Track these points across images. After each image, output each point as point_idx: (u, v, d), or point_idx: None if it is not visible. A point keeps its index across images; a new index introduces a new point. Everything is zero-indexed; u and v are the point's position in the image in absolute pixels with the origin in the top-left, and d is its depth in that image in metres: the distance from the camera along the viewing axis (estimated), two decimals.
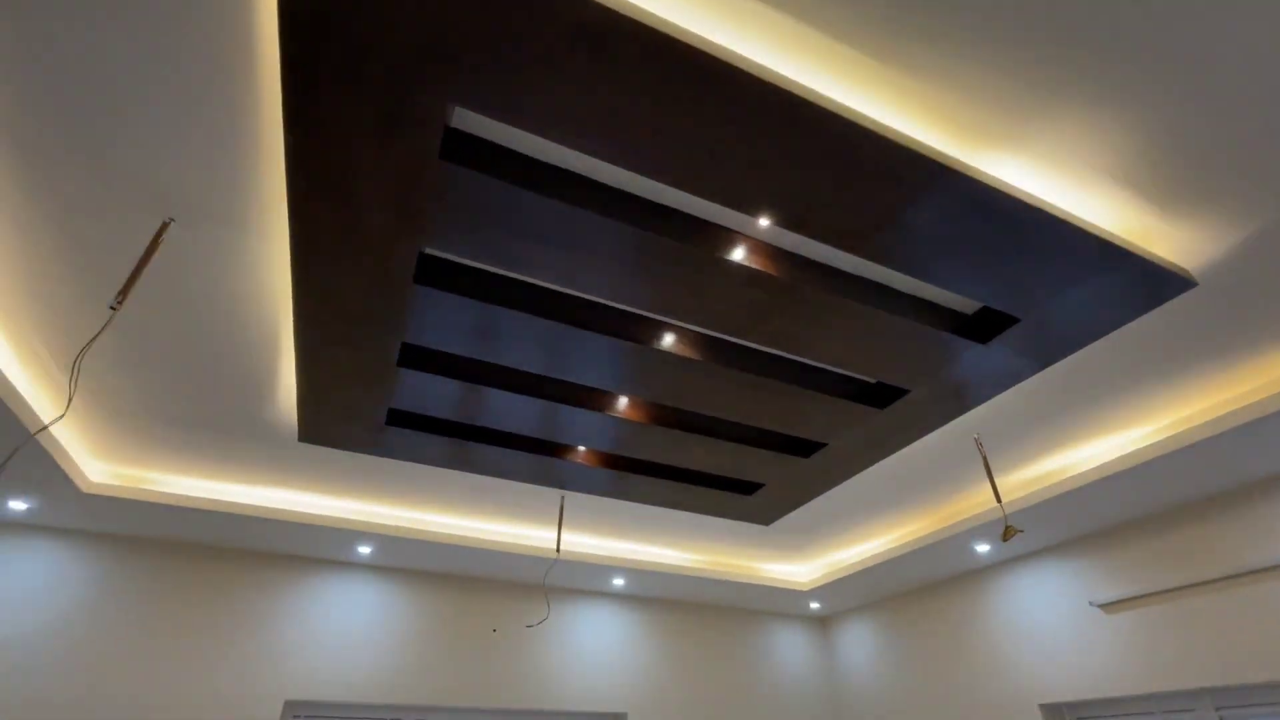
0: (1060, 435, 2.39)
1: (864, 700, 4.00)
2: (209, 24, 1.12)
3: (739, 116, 1.17)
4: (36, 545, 2.88)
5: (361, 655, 3.21)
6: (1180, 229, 1.53)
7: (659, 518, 3.18)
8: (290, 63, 1.05)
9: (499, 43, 1.04)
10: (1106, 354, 1.94)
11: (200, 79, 1.20)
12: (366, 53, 1.05)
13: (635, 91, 1.12)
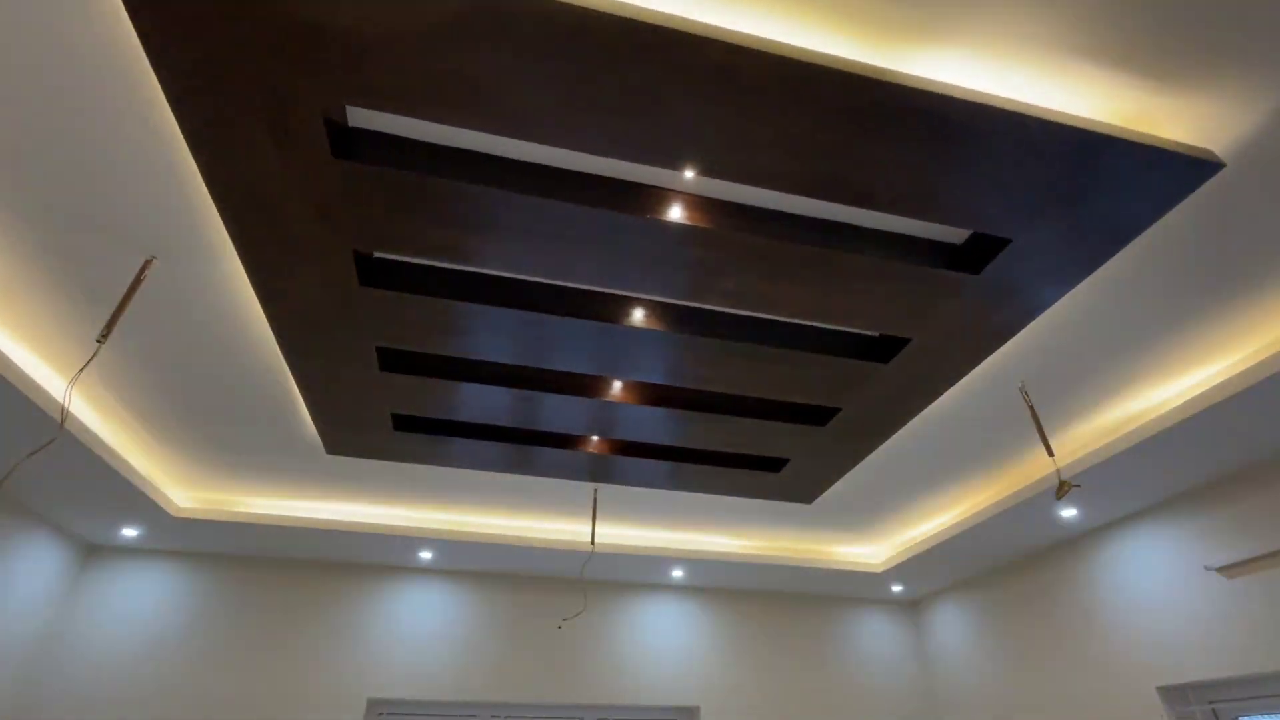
0: (1133, 373, 2.07)
1: (961, 688, 3.66)
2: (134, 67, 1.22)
3: (636, 67, 1.10)
4: (149, 566, 3.27)
5: (435, 654, 3.36)
6: (1190, 106, 1.28)
7: (709, 508, 3.10)
8: (164, 81, 1.12)
9: (364, 33, 1.05)
10: (1161, 272, 1.66)
11: (161, 121, 1.31)
12: (231, 63, 1.09)
13: (532, 63, 1.09)
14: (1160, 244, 1.60)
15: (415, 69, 1.10)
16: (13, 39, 1.18)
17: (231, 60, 1.08)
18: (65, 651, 3.00)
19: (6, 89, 1.26)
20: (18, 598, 2.83)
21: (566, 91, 1.14)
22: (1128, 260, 1.64)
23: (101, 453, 2.36)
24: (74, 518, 2.91)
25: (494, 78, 1.11)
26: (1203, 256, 1.63)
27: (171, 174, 1.42)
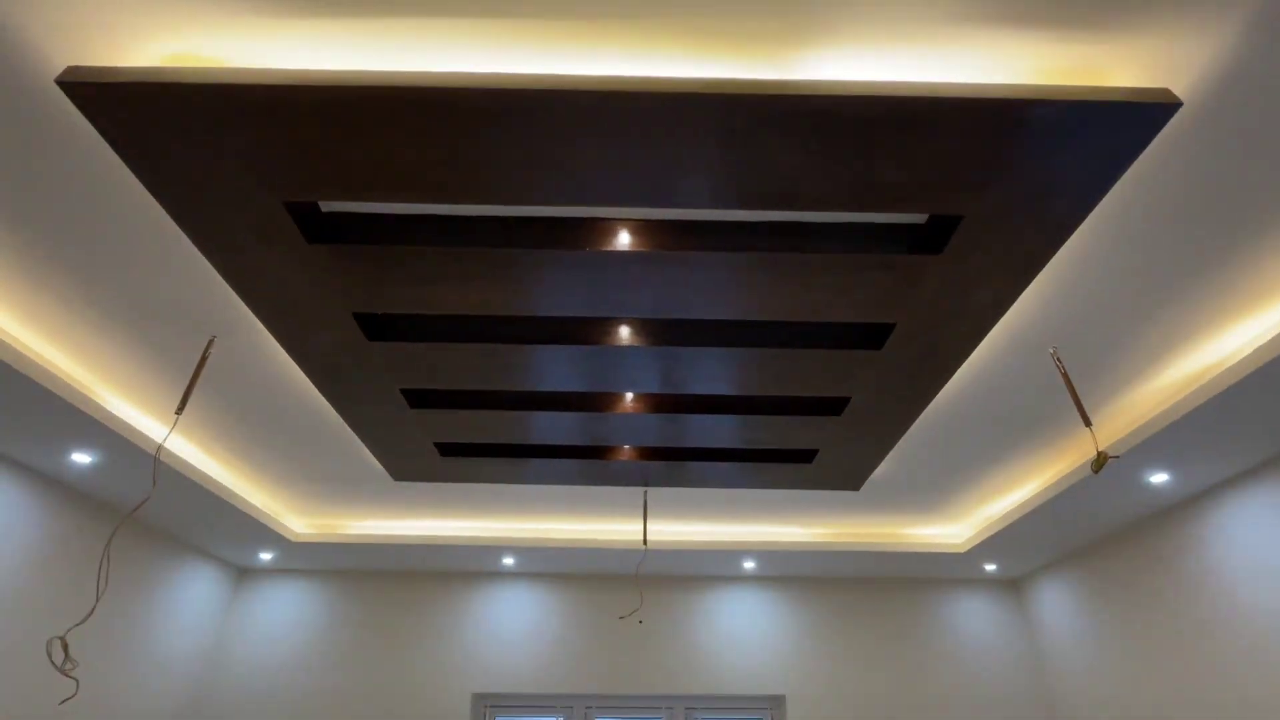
0: (1189, 327, 1.86)
1: (1073, 667, 3.39)
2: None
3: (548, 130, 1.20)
4: (286, 584, 3.83)
5: (527, 651, 3.65)
6: (1138, 48, 1.16)
7: (768, 501, 3.12)
8: (147, 186, 1.35)
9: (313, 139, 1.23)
10: (1181, 218, 1.51)
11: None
12: (191, 171, 1.30)
13: (427, 142, 1.22)
14: (1167, 190, 1.44)
15: (356, 161, 1.26)
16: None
17: (191, 169, 1.29)
18: (227, 659, 3.59)
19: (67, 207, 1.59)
20: (190, 614, 3.43)
21: (497, 162, 1.26)
22: (1145, 212, 1.50)
23: (223, 495, 2.82)
24: (222, 547, 3.48)
25: (433, 161, 1.25)
26: (1221, 193, 1.46)
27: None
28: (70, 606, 2.64)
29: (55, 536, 2.62)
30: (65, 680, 2.59)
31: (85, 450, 2.37)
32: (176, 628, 3.33)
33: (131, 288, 1.77)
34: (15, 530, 2.46)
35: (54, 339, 1.98)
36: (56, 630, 2.49)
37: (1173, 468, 2.43)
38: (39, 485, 2.56)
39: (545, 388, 2.02)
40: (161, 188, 1.33)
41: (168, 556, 3.29)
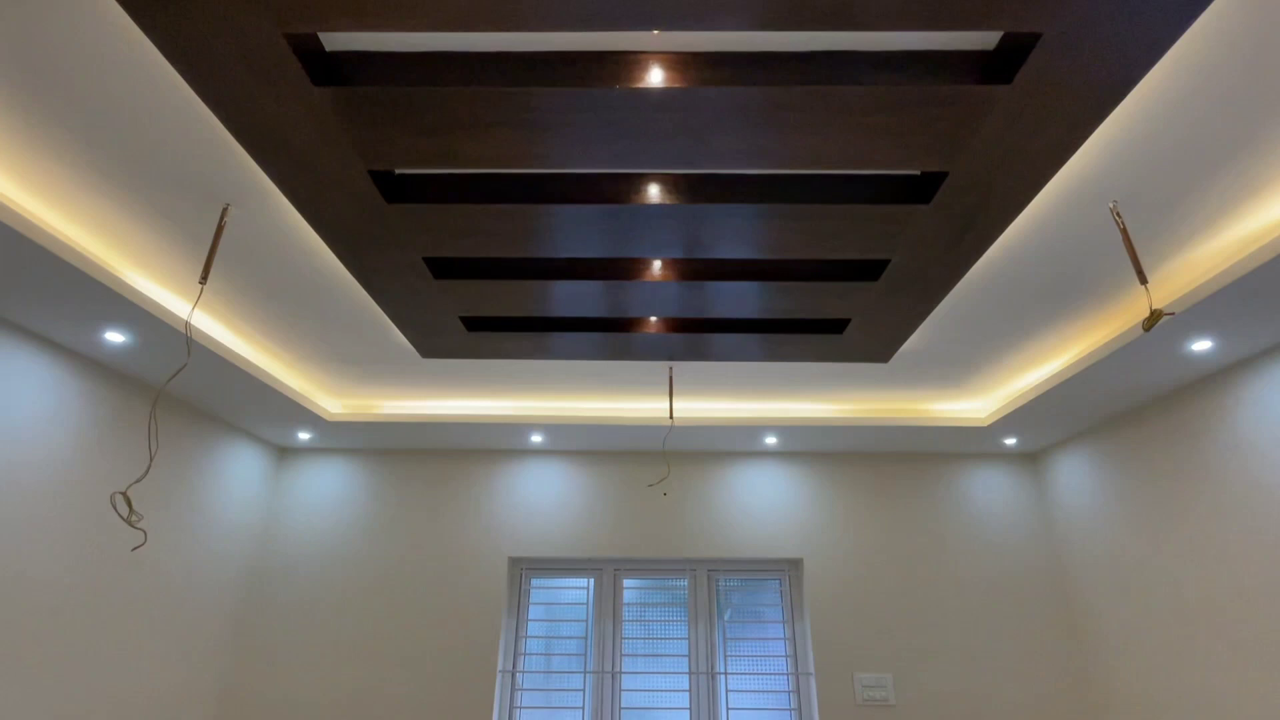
0: (1251, 185, 1.71)
1: (1088, 541, 3.51)
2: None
3: None
4: (326, 462, 4.01)
5: (559, 519, 3.86)
6: None
7: (792, 377, 3.12)
8: (160, 44, 1.25)
9: None
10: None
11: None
12: (184, 6, 1.20)
13: None
14: (1245, 35, 1.26)
15: None
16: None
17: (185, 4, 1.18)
18: (279, 532, 3.84)
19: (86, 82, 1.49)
20: (240, 491, 3.64)
21: None
22: (1219, 57, 1.31)
23: (259, 375, 2.88)
24: (262, 427, 3.61)
25: None
26: None
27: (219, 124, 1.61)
28: (126, 477, 2.79)
29: (103, 417, 2.71)
30: (134, 532, 2.80)
31: (118, 329, 2.39)
32: (228, 503, 3.54)
33: (143, 155, 1.68)
34: (66, 412, 2.55)
35: (70, 212, 1.93)
36: (116, 512, 2.65)
37: (1218, 334, 2.35)
38: (81, 367, 2.62)
39: (569, 253, 1.95)
40: (148, 15, 1.21)
41: (213, 437, 3.43)
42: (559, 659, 3.71)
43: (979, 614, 3.62)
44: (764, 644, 3.72)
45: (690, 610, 3.79)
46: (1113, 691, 3.30)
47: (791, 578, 3.85)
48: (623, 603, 3.81)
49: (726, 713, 3.56)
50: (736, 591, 3.85)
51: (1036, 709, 3.43)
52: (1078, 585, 3.57)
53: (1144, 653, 3.08)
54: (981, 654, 3.54)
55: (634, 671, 3.67)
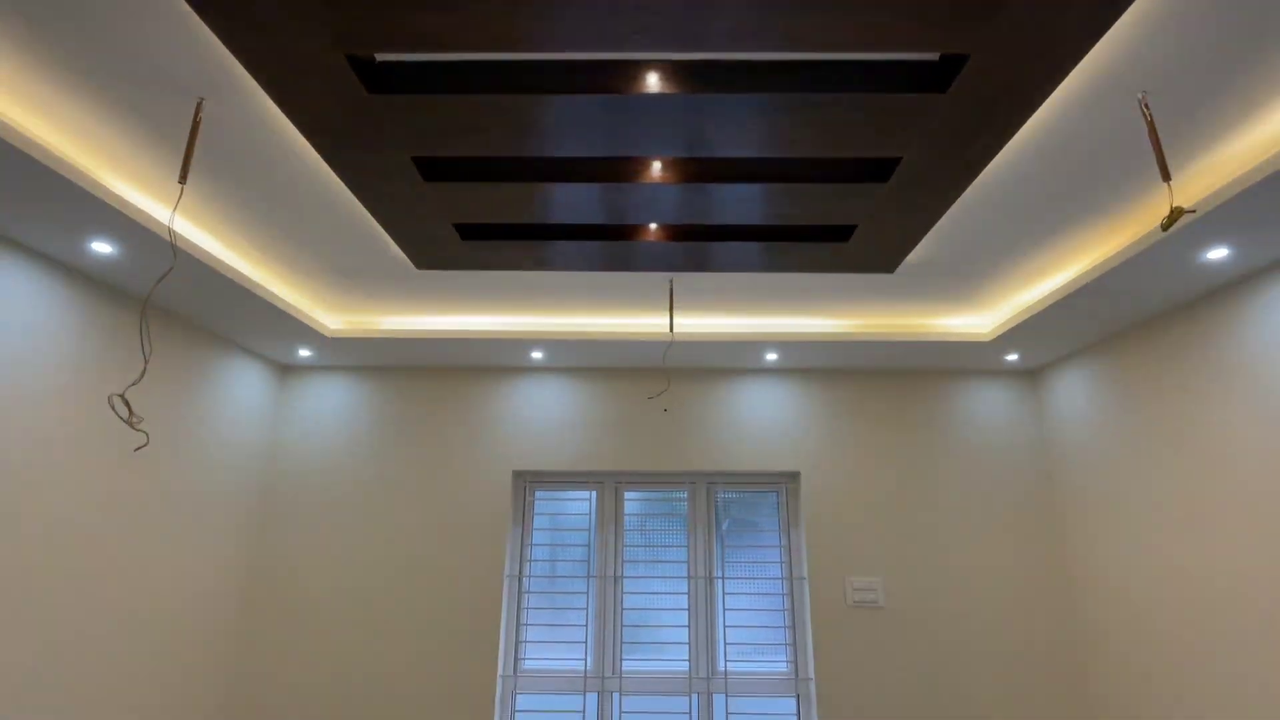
0: None
1: (1081, 458, 3.57)
2: None
3: None
4: (329, 380, 4.04)
5: (561, 435, 3.92)
6: None
7: (794, 291, 3.07)
8: None
9: None
10: None
11: None
12: None
13: None
14: None
15: None
16: None
17: None
18: (286, 450, 3.92)
19: None
20: (245, 409, 3.68)
21: None
22: None
23: (253, 288, 2.83)
24: (262, 343, 3.60)
25: None
26: None
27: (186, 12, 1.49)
28: (124, 386, 2.80)
29: (98, 330, 2.69)
30: (138, 436, 2.85)
31: (103, 238, 2.32)
32: (235, 419, 3.59)
33: (107, 45, 1.57)
34: (60, 325, 2.53)
35: (33, 108, 1.83)
36: (115, 414, 2.67)
37: (1235, 241, 2.27)
38: (72, 280, 2.57)
39: (563, 151, 1.86)
40: None
41: (214, 354, 3.43)
42: (563, 565, 3.87)
43: (968, 524, 3.74)
44: (760, 551, 3.87)
45: (690, 521, 3.91)
46: (1097, 598, 3.45)
47: (789, 490, 3.95)
48: (624, 514, 3.93)
49: (723, 614, 3.75)
50: (735, 504, 3.96)
51: (1019, 611, 3.60)
52: (1068, 499, 3.66)
53: (1130, 562, 3.19)
54: (968, 561, 3.68)
55: (635, 576, 3.83)
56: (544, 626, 3.77)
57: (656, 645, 3.72)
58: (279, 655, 3.58)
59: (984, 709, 3.45)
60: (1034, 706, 3.45)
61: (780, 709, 3.61)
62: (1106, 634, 3.34)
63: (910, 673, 3.51)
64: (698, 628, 3.72)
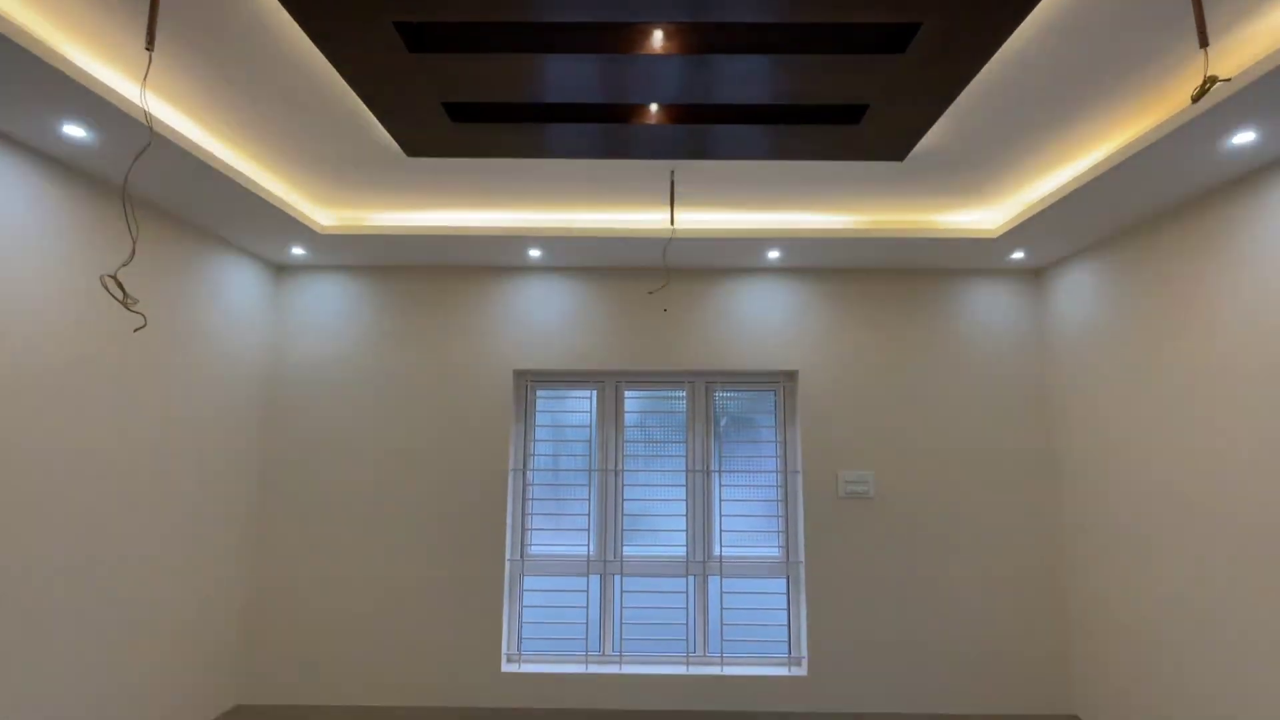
0: None
1: (1078, 357, 3.59)
2: None
3: None
4: (326, 280, 3.99)
5: (562, 334, 3.93)
6: None
7: (799, 185, 2.97)
8: None
9: None
10: None
11: None
12: None
13: None
14: None
15: None
16: None
17: None
18: (288, 347, 3.93)
19: None
20: (241, 310, 3.65)
21: None
22: None
23: (238, 179, 2.73)
24: (253, 240, 3.53)
25: None
26: None
27: None
28: (114, 268, 2.77)
29: (83, 220, 2.62)
30: (133, 317, 2.86)
31: (76, 121, 2.21)
32: (232, 318, 3.57)
33: None
34: (44, 214, 2.45)
35: None
36: (110, 296, 2.65)
37: (1265, 123, 2.17)
38: (52, 169, 2.47)
39: (557, 13, 1.73)
40: None
41: (206, 252, 3.36)
42: (566, 460, 4.00)
43: (960, 421, 3.83)
44: (757, 447, 3.99)
45: (688, 418, 4.00)
46: (1079, 494, 3.59)
47: (786, 389, 4.01)
48: (624, 411, 4.02)
49: (720, 504, 3.92)
50: (733, 402, 4.04)
51: (1002, 505, 3.76)
52: (1061, 399, 3.72)
53: (1114, 458, 3.30)
54: (957, 456, 3.80)
55: (635, 470, 3.97)
56: (548, 516, 3.95)
57: (655, 534, 3.92)
58: (297, 541, 3.77)
59: (960, 592, 3.68)
60: (1010, 593, 3.68)
61: (771, 588, 3.85)
62: (1084, 528, 3.51)
63: (894, 558, 3.72)
64: (695, 517, 3.91)
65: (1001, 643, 3.65)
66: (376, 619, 3.71)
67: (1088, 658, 3.49)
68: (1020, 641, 3.65)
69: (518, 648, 3.81)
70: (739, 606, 3.82)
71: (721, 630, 3.79)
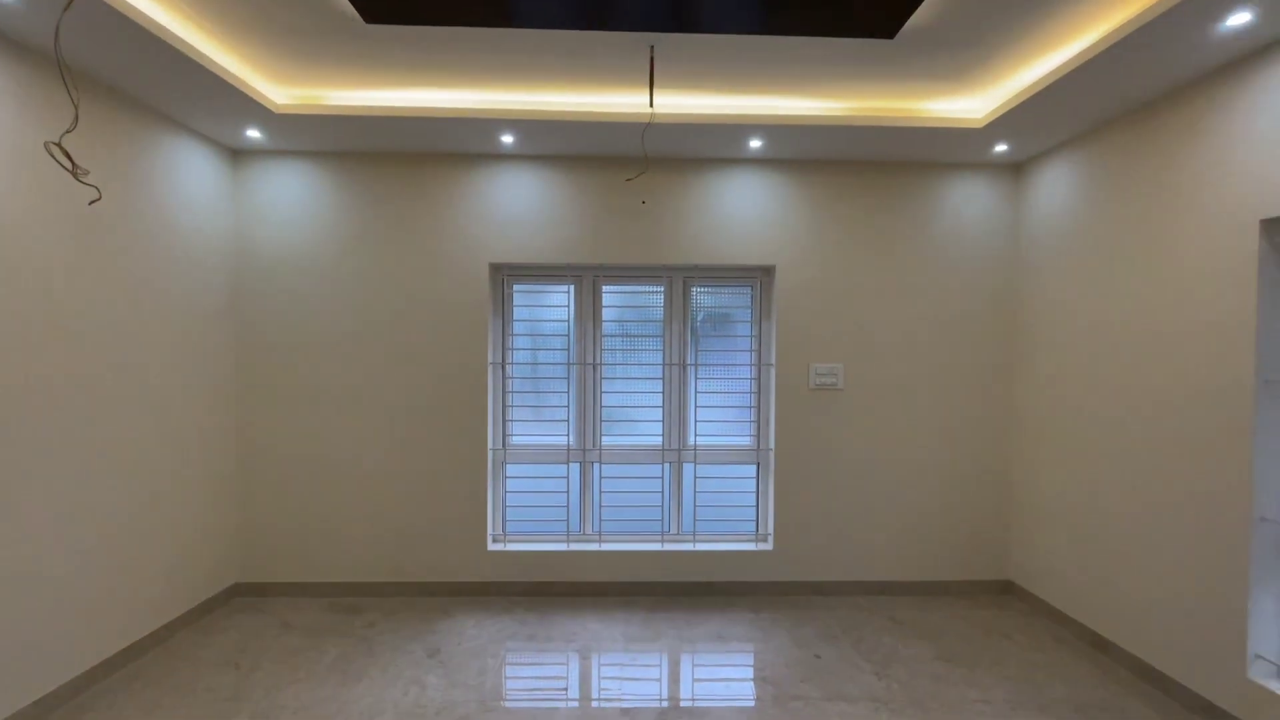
0: None
1: (1046, 250, 3.65)
2: None
3: None
4: (287, 166, 3.79)
5: (538, 227, 3.85)
6: None
7: (785, 66, 2.83)
8: None
9: None
10: None
11: None
12: None
13: None
14: None
15: None
16: None
17: None
18: (252, 237, 3.79)
19: None
20: (198, 192, 3.47)
21: None
22: None
23: (180, 46, 2.51)
24: (202, 120, 3.29)
25: None
26: None
27: None
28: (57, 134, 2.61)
29: (20, 91, 2.41)
30: (86, 190, 2.72)
31: None
32: (187, 206, 3.41)
33: None
34: None
35: None
36: (57, 177, 2.50)
37: (1263, 2, 2.10)
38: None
39: None
40: None
41: (157, 133, 3.14)
42: (545, 354, 4.05)
43: (928, 316, 3.93)
44: (732, 341, 4.07)
45: (666, 314, 4.03)
46: (1032, 387, 3.77)
47: (763, 284, 4.04)
48: (602, 306, 4.03)
49: (695, 396, 4.05)
50: (710, 295, 4.07)
51: (961, 396, 3.94)
52: (1027, 294, 3.82)
53: (1069, 353, 3.44)
54: (923, 350, 3.93)
55: (613, 363, 4.05)
56: (528, 408, 4.05)
57: (632, 424, 4.06)
58: (283, 429, 3.83)
59: (915, 477, 3.94)
60: (959, 478, 3.95)
61: (741, 473, 4.08)
62: (1032, 421, 3.72)
63: (857, 445, 3.93)
64: (671, 409, 4.04)
65: (949, 521, 3.96)
66: (364, 504, 3.86)
67: (1022, 535, 3.83)
68: (966, 520, 3.96)
69: (503, 529, 4.03)
70: (711, 490, 4.05)
71: (695, 511, 4.04)
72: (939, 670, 2.99)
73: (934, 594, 3.95)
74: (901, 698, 2.74)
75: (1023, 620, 3.57)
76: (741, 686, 2.83)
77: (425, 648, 3.18)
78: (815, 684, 2.85)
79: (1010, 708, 2.68)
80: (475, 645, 3.21)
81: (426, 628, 3.41)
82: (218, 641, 3.23)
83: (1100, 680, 2.91)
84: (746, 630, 3.42)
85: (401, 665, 2.99)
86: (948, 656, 3.13)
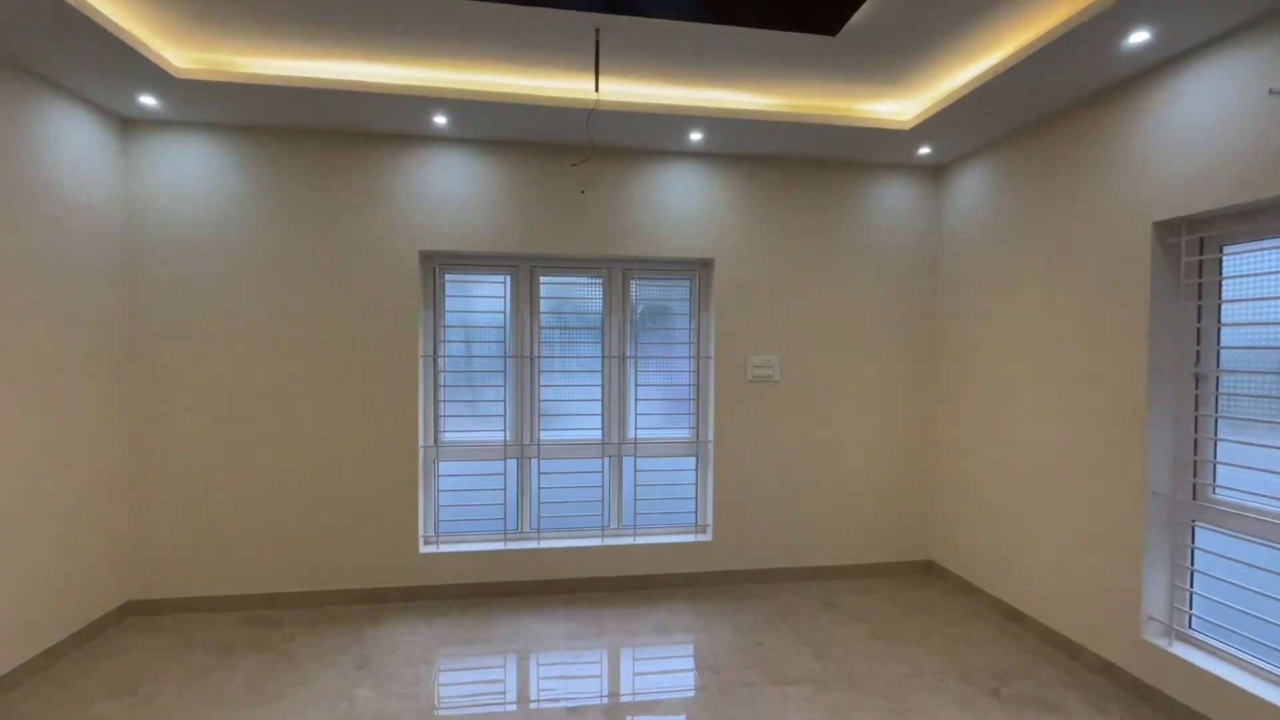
0: None
1: (964, 247, 3.88)
2: None
3: None
4: (189, 139, 3.43)
5: (472, 214, 3.69)
6: None
7: (727, 59, 2.84)
8: None
9: None
10: None
11: None
12: None
13: None
14: None
15: None
16: None
17: None
18: (144, 222, 3.41)
19: None
20: (81, 167, 3.08)
21: None
22: None
23: None
24: (84, 81, 2.92)
25: None
26: None
27: None
28: None
29: None
30: None
31: None
32: (63, 178, 3.02)
33: None
34: None
35: None
36: None
37: (1162, 19, 2.30)
38: None
39: None
40: None
41: (25, 95, 2.75)
42: (480, 346, 3.90)
43: (858, 308, 4.09)
44: (671, 333, 4.07)
45: (605, 305, 3.98)
46: (940, 375, 4.01)
47: (701, 277, 4.07)
48: (539, 297, 3.92)
49: (635, 389, 4.02)
50: (648, 288, 4.05)
51: (889, 386, 4.13)
52: (947, 284, 4.05)
53: (981, 342, 3.68)
54: (851, 341, 4.09)
55: (551, 356, 3.95)
56: (463, 403, 3.88)
57: (571, 418, 3.98)
58: (186, 430, 3.48)
59: (845, 465, 4.10)
60: (887, 464, 4.14)
61: (681, 466, 4.09)
62: (953, 410, 3.96)
63: (792, 436, 4.04)
64: (611, 402, 3.99)
65: (877, 506, 4.15)
66: (280, 508, 3.57)
67: (941, 517, 4.07)
68: (891, 505, 4.16)
69: (435, 530, 3.85)
70: (651, 484, 4.04)
71: (635, 505, 4.01)
72: (873, 648, 3.12)
73: (865, 576, 4.12)
74: (840, 677, 2.83)
75: (944, 597, 3.79)
76: (687, 677, 2.84)
77: (354, 659, 2.98)
78: (759, 670, 2.89)
79: (938, 678, 2.83)
80: (409, 653, 3.04)
81: (354, 637, 3.21)
82: (109, 666, 2.89)
83: (1014, 648, 3.13)
84: (689, 620, 3.44)
85: (328, 679, 2.79)
86: (879, 635, 3.27)
